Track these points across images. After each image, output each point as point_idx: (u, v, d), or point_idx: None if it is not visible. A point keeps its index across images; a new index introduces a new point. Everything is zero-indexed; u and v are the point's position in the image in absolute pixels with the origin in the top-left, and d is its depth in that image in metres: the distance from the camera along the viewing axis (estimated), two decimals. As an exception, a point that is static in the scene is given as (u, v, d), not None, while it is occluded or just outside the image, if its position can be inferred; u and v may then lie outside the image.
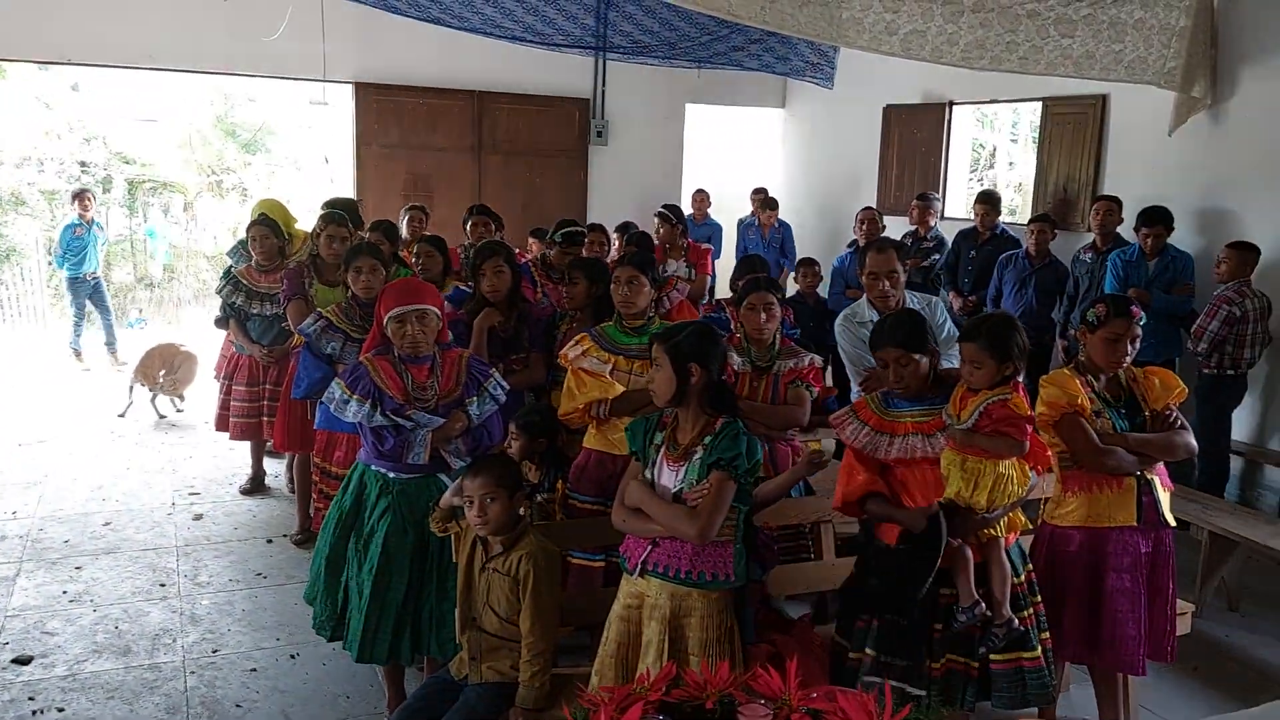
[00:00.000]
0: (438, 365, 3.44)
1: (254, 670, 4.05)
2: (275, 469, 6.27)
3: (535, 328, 4.38)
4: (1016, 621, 2.99)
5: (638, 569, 2.83)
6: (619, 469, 3.45)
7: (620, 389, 3.61)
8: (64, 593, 4.66)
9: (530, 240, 7.68)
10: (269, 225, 5.54)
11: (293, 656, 4.14)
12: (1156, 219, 6.16)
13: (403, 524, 3.32)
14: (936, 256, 7.70)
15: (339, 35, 8.95)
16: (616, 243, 6.86)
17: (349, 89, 9.54)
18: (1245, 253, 5.76)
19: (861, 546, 3.18)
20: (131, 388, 7.69)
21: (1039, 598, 3.17)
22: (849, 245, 7.83)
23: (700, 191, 9.51)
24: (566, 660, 3.37)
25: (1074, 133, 7.54)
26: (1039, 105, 7.84)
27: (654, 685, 2.08)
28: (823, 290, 7.31)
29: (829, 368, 5.34)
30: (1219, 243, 6.08)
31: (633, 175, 10.21)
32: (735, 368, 3.89)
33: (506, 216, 8.23)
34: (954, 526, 2.89)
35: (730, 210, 10.15)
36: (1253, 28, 6.20)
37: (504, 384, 3.54)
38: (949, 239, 7.70)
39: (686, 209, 9.71)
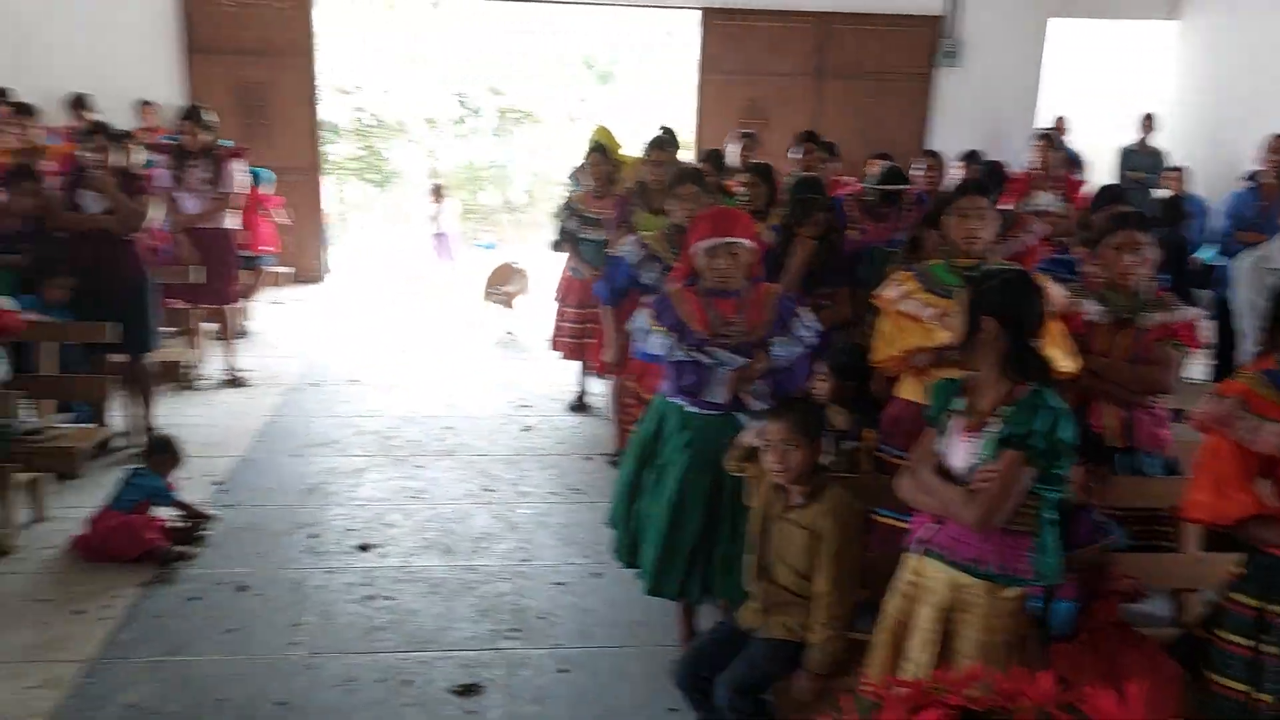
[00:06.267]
0: (746, 301, 3.26)
1: (560, 584, 4.18)
2: (603, 389, 6.46)
3: (843, 262, 4.08)
4: None
5: (919, 546, 2.52)
6: (937, 424, 3.10)
7: (945, 337, 3.22)
8: (405, 489, 5.08)
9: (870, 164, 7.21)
10: (601, 152, 5.65)
11: (597, 575, 4.23)
12: None
13: (700, 461, 3.20)
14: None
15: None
16: (963, 172, 6.34)
17: (697, 15, 9.49)
18: None
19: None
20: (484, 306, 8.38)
21: None
22: (1246, 177, 6.65)
23: (1060, 119, 8.53)
24: (863, 624, 3.13)
25: None
26: None
27: (955, 686, 1.80)
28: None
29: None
30: None
31: (981, 100, 9.34)
32: (1091, 318, 3.38)
33: (843, 144, 7.87)
34: None
35: (1097, 138, 9.03)
36: None
37: (815, 326, 3.29)
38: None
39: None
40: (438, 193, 11.03)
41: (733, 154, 6.84)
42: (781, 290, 3.41)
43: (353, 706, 3.34)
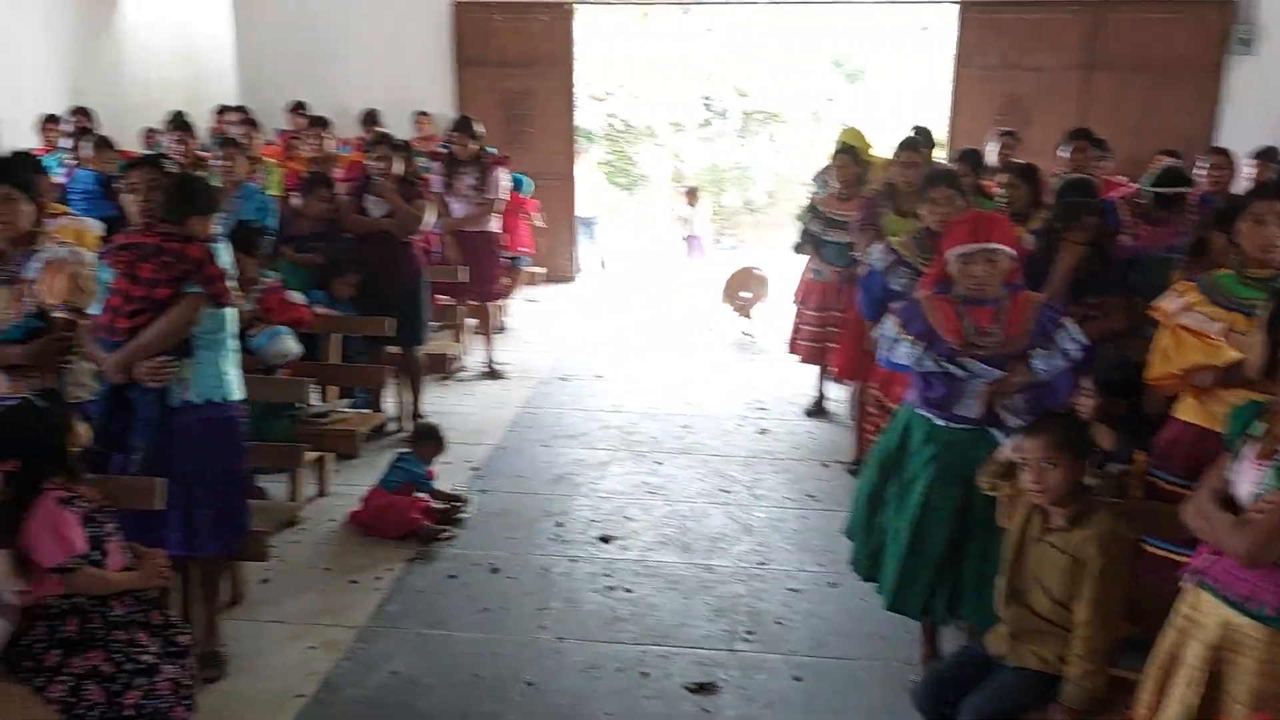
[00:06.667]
0: (1004, 309, 3.10)
1: (795, 590, 4.16)
2: (842, 394, 6.36)
3: (1114, 269, 3.79)
4: None
5: (1193, 576, 2.32)
6: (1221, 449, 2.83)
7: (1233, 354, 2.91)
8: (645, 483, 5.22)
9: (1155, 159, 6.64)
10: (849, 153, 5.57)
11: (833, 584, 4.17)
12: None
13: (948, 476, 3.08)
14: None
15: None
16: (1255, 171, 5.77)
17: (955, 10, 9.16)
18: None
19: None
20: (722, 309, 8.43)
21: None
22: None
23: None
24: (1127, 662, 2.90)
25: None
26: None
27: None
28: None
29: None
30: None
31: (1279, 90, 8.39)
32: None
33: (1116, 142, 7.33)
34: None
35: None
36: None
37: (1082, 339, 3.09)
38: None
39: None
40: (692, 195, 11.21)
41: (991, 153, 6.53)
42: (1044, 299, 3.23)
43: (595, 694, 3.47)
